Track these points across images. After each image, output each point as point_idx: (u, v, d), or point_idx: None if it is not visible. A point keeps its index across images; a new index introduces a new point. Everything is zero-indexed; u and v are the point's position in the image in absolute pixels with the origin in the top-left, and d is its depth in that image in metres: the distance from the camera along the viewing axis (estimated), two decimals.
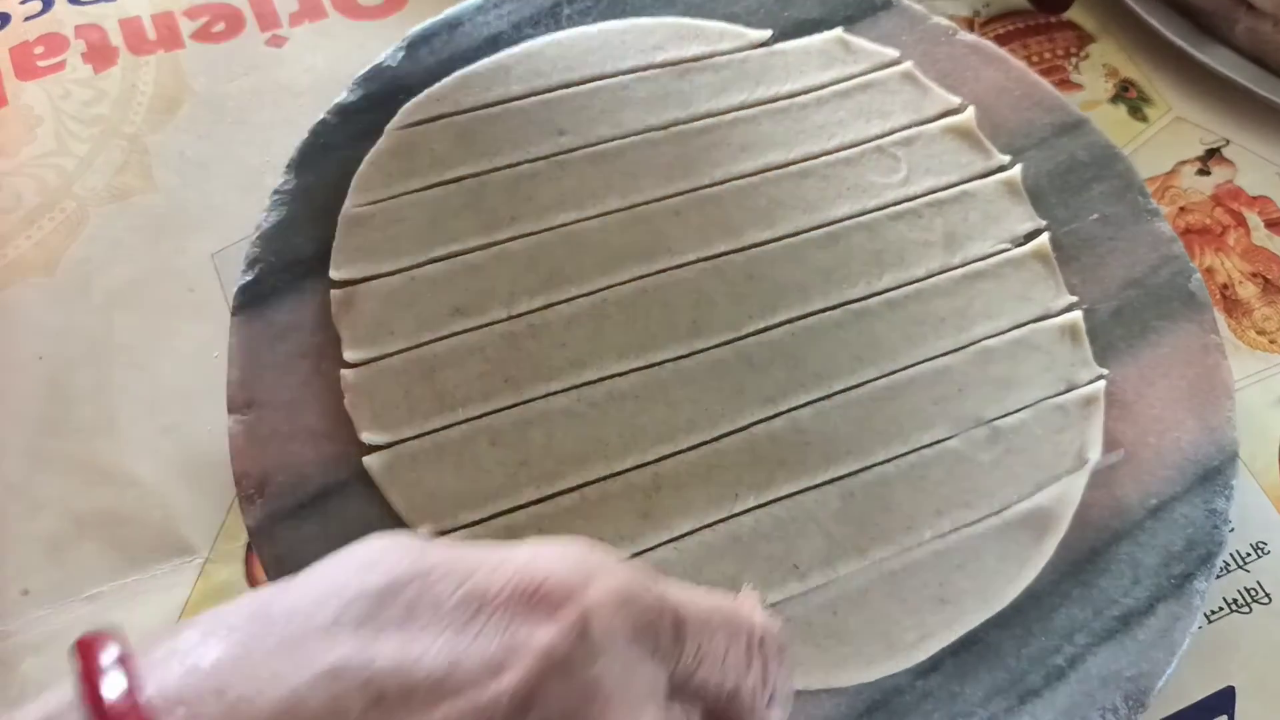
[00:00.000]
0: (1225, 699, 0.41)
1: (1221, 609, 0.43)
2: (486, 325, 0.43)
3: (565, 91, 0.49)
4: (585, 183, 0.46)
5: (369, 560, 0.25)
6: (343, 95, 0.48)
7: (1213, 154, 0.54)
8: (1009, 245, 0.47)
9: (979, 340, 0.44)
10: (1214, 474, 0.42)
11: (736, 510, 0.40)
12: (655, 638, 0.26)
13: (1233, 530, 0.44)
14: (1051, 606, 0.40)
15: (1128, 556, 0.41)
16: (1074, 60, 0.56)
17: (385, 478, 0.40)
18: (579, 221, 0.46)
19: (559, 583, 0.24)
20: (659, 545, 0.39)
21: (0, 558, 0.41)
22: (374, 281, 0.44)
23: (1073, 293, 0.46)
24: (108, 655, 0.22)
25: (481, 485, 0.40)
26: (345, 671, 0.22)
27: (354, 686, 0.22)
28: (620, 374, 0.42)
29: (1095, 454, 0.42)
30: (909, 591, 0.39)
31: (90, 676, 0.22)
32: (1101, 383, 0.44)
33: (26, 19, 0.53)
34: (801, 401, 0.42)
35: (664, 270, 0.45)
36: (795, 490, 0.41)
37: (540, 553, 0.26)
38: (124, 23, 0.54)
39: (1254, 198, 0.53)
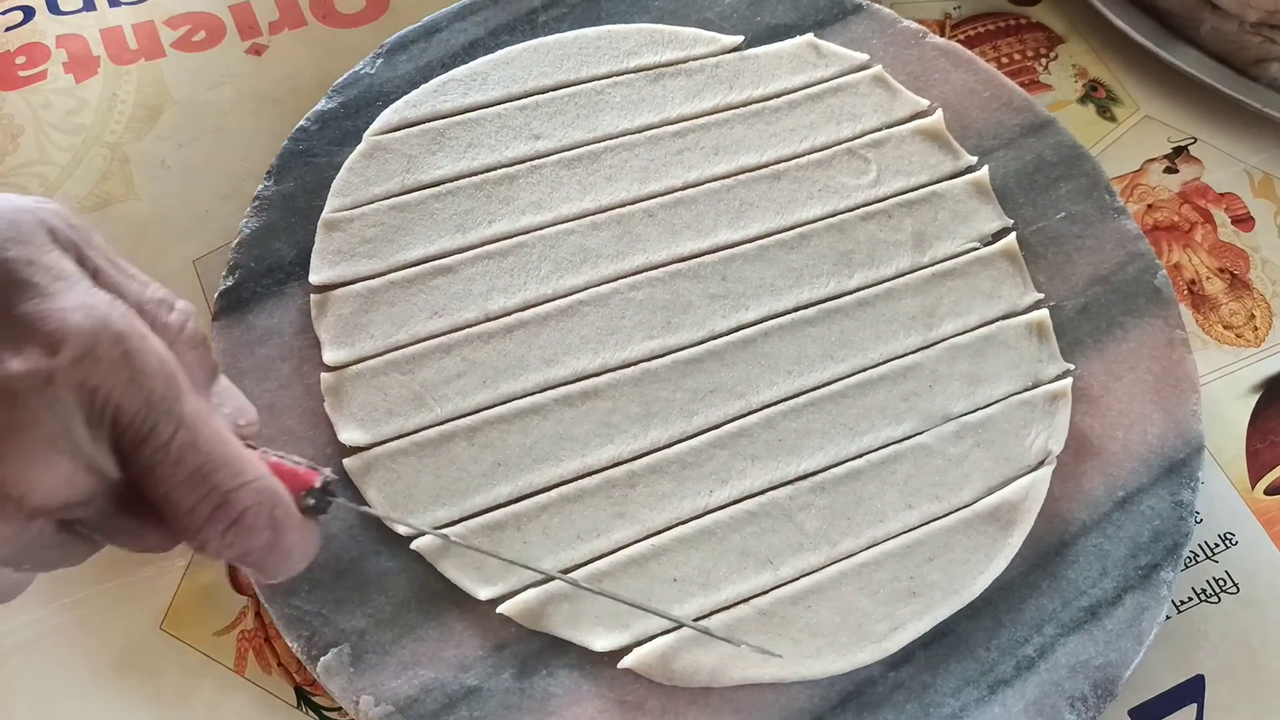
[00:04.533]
0: (1195, 687, 0.42)
1: (1190, 599, 0.43)
2: (463, 327, 0.44)
3: (541, 97, 0.49)
4: (560, 186, 0.47)
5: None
6: (322, 103, 0.49)
7: (1180, 152, 0.55)
8: (977, 244, 0.47)
9: (948, 337, 0.45)
10: (1180, 466, 0.43)
11: (710, 505, 0.41)
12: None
13: (1201, 522, 0.45)
14: (1021, 598, 0.40)
15: (1095, 548, 0.41)
16: (1043, 61, 0.57)
17: (365, 478, 0.41)
18: (554, 224, 0.46)
19: None
20: (634, 541, 0.40)
21: None
22: (352, 285, 0.44)
23: (1040, 290, 0.47)
24: None
25: (459, 484, 0.40)
26: None
27: None
28: (595, 373, 0.43)
29: (1060, 448, 0.43)
30: (880, 584, 0.40)
31: None
32: (1068, 379, 0.44)
33: (7, 29, 0.54)
34: (773, 398, 0.43)
35: (638, 271, 0.45)
36: (767, 485, 0.41)
37: None
38: (105, 32, 0.54)
39: (1221, 194, 0.54)
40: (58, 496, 0.28)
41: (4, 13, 0.55)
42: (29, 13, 0.55)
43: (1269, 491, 0.46)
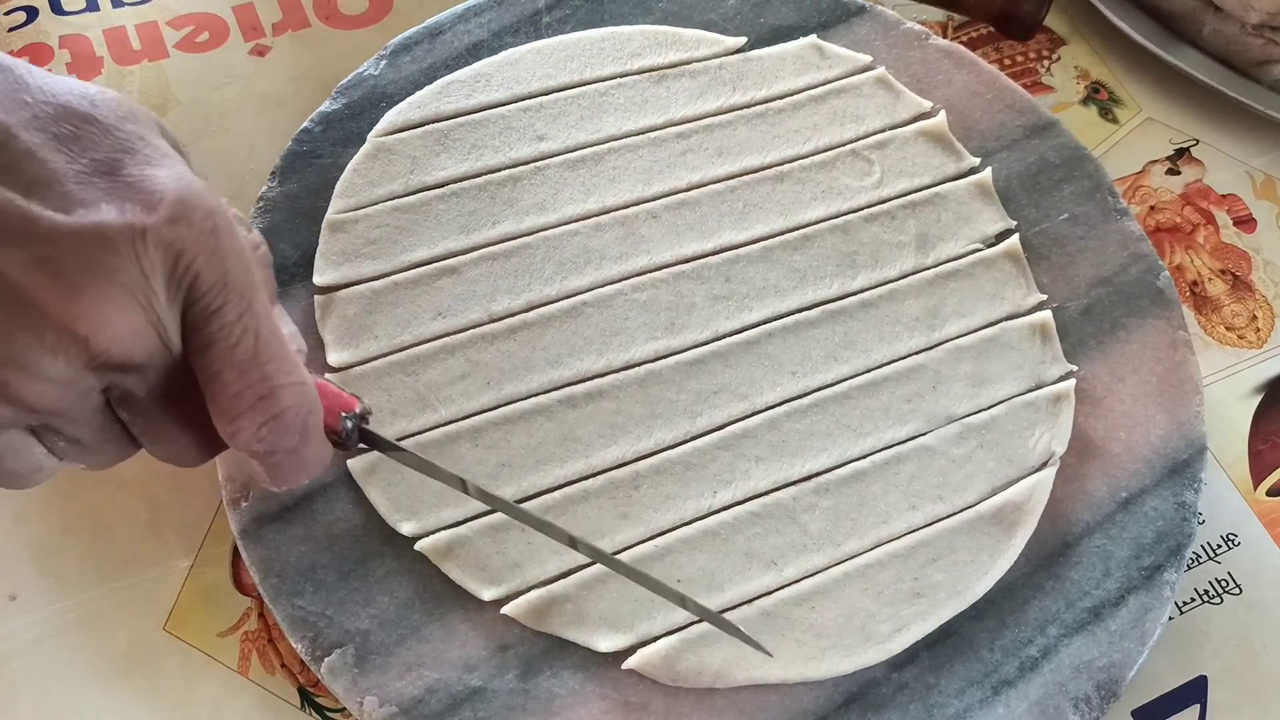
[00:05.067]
0: (1198, 688, 0.42)
1: (1193, 600, 0.43)
2: (467, 328, 0.44)
3: (545, 98, 0.49)
4: (564, 187, 0.47)
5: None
6: (325, 104, 0.49)
7: (1182, 153, 0.55)
8: (980, 245, 0.48)
9: (951, 339, 0.45)
10: (1183, 467, 0.43)
11: (714, 506, 0.41)
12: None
13: (1203, 523, 0.45)
14: (1024, 599, 0.40)
15: (1099, 549, 0.41)
16: (1045, 63, 0.57)
17: (369, 479, 0.41)
18: (558, 225, 0.46)
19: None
20: (638, 542, 0.40)
21: None
22: (356, 286, 0.44)
23: (1043, 291, 0.47)
24: None
25: None
26: None
27: None
28: (599, 374, 0.43)
29: (1063, 449, 0.43)
30: (884, 585, 0.40)
31: None
32: (1071, 380, 0.44)
33: (11, 30, 0.54)
34: (777, 400, 0.43)
35: (642, 272, 0.46)
36: (771, 487, 0.41)
37: None
38: (108, 33, 0.54)
39: (1223, 196, 0.54)
40: (121, 347, 0.29)
41: (7, 13, 0.55)
42: (32, 13, 0.55)
43: (1271, 493, 0.46)
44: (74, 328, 0.29)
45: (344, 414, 0.35)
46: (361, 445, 0.36)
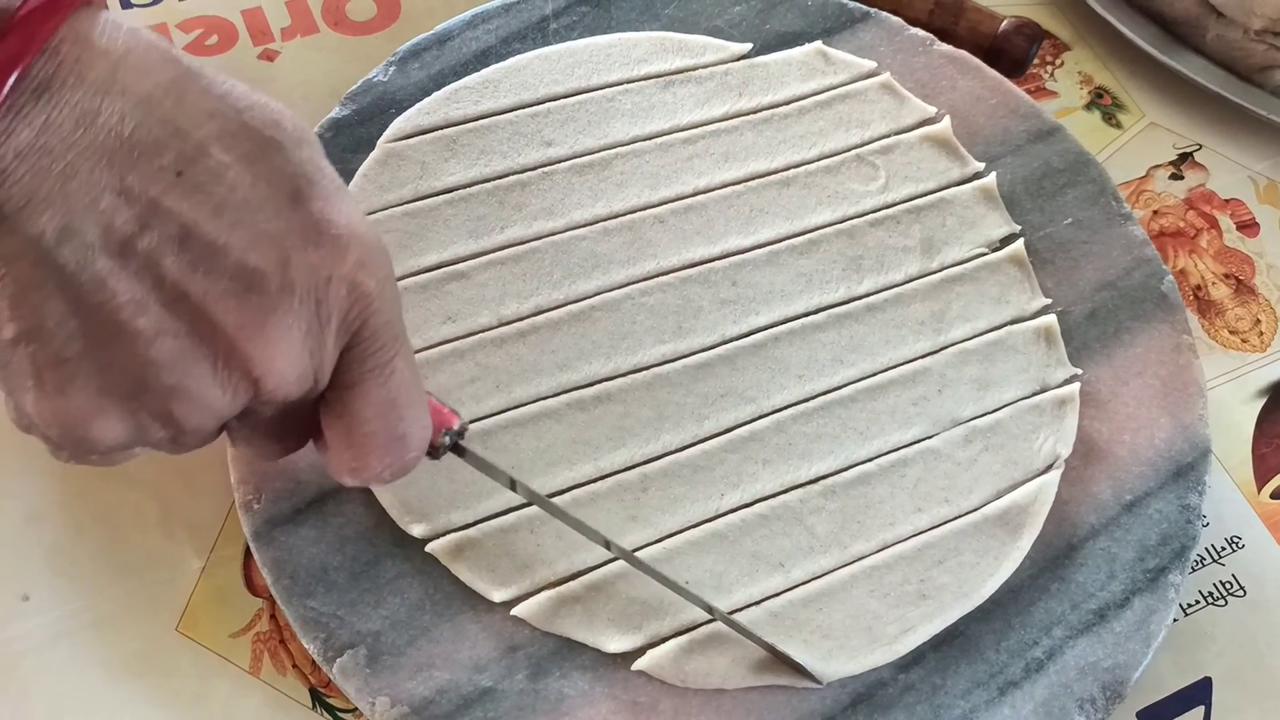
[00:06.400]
0: (1202, 690, 0.42)
1: (1198, 602, 0.44)
2: (477, 332, 0.44)
3: (552, 104, 0.50)
4: (572, 192, 0.48)
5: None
6: (335, 110, 0.49)
7: (1185, 158, 0.55)
8: (985, 250, 0.48)
9: (956, 342, 0.45)
10: (1187, 470, 0.43)
11: (722, 509, 0.41)
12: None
13: (1208, 525, 0.45)
14: (1030, 600, 0.41)
15: (1104, 551, 0.42)
16: (1049, 68, 0.58)
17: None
18: (566, 230, 0.47)
19: None
20: (647, 544, 0.40)
21: (1, 564, 0.41)
22: None
23: (1047, 296, 0.47)
24: None
25: (473, 487, 0.41)
26: None
27: None
28: (607, 378, 0.43)
29: (1068, 452, 0.43)
30: (890, 586, 0.40)
31: None
32: (1076, 383, 0.45)
33: None
34: (784, 403, 0.43)
35: (649, 277, 0.46)
36: (778, 489, 0.42)
37: None
38: None
39: (1225, 200, 0.54)
40: (285, 390, 0.29)
41: None
42: None
43: (1275, 495, 0.46)
44: (249, 367, 0.28)
45: (444, 430, 0.35)
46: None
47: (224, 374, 0.28)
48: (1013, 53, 0.53)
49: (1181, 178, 0.55)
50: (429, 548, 0.40)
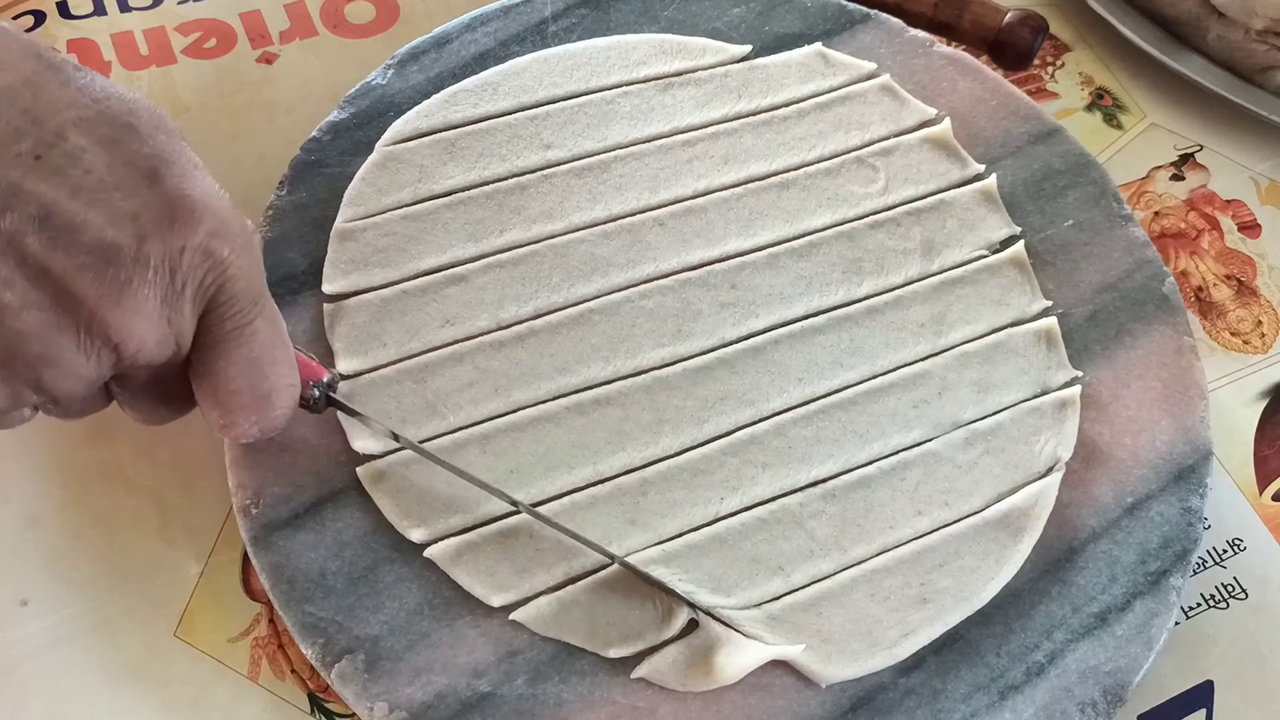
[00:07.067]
0: (1204, 693, 0.42)
1: (1199, 605, 0.43)
2: (476, 335, 0.44)
3: (551, 107, 0.50)
4: (571, 195, 0.47)
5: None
6: (334, 113, 0.49)
7: (1186, 159, 0.55)
8: (985, 252, 0.48)
9: (957, 345, 0.45)
10: (1188, 473, 0.43)
11: (721, 513, 0.41)
12: None
13: (1209, 528, 0.45)
14: (1031, 604, 0.40)
15: (1105, 554, 0.41)
16: (1050, 69, 0.58)
17: (377, 486, 0.41)
18: (565, 233, 0.47)
19: None
20: (646, 547, 0.40)
21: None
22: (365, 294, 0.45)
23: (1048, 298, 0.47)
24: None
25: (472, 491, 0.41)
26: None
27: None
28: (606, 381, 0.43)
29: (1069, 455, 0.43)
30: (890, 590, 0.40)
31: None
32: (1077, 385, 0.45)
33: None
34: (784, 406, 0.43)
35: (649, 280, 0.46)
36: (778, 492, 0.42)
37: None
38: (116, 38, 0.55)
39: (1227, 201, 0.54)
40: (146, 355, 0.32)
41: (15, 18, 0.55)
42: (40, 17, 0.55)
43: (1277, 497, 0.46)
44: (109, 335, 0.30)
45: (312, 382, 0.38)
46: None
47: (87, 342, 0.30)
48: (1018, 45, 0.53)
49: (1183, 179, 0.54)
50: (428, 552, 0.40)
